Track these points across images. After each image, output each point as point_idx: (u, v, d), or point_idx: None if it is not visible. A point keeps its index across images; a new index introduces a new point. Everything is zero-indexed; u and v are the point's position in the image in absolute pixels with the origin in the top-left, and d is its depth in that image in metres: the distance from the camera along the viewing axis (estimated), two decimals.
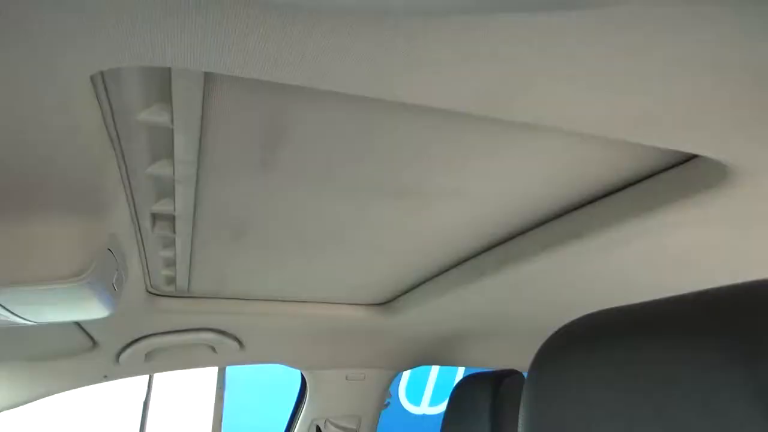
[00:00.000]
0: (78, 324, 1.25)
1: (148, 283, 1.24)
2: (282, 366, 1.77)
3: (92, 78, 0.47)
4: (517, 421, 0.67)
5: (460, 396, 1.58)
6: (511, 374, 1.47)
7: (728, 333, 0.42)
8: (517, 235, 1.01)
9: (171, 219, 0.89)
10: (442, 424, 1.60)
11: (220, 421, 3.53)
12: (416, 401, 3.71)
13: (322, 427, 1.81)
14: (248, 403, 3.55)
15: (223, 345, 1.56)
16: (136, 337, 1.43)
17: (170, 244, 0.99)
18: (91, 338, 1.35)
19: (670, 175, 0.72)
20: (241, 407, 3.53)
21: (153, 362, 1.54)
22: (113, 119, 0.58)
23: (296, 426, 1.85)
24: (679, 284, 0.98)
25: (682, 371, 0.43)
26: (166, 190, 0.79)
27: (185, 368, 1.66)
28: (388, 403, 1.91)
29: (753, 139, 0.55)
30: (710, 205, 0.68)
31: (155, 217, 0.88)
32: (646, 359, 0.48)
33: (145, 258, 1.06)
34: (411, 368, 1.90)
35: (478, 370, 1.73)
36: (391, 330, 1.64)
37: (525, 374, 1.49)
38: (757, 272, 0.93)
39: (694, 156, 0.68)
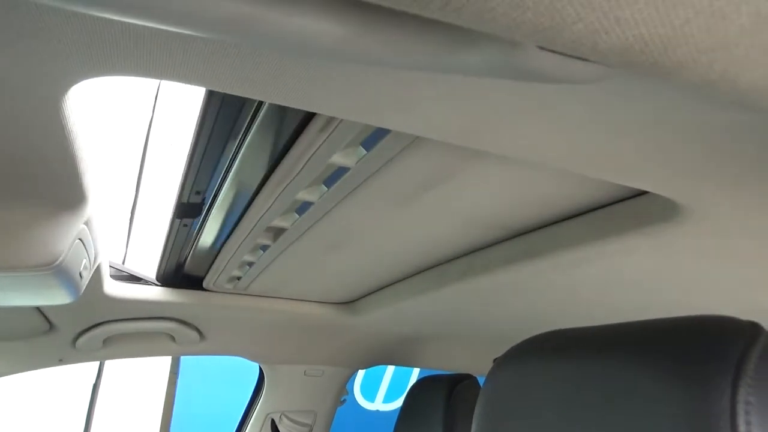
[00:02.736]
0: (36, 306, 1.23)
1: (111, 270, 1.23)
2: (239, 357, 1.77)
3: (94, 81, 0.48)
4: (470, 423, 0.70)
5: (415, 397, 1.62)
6: (466, 378, 1.52)
7: (671, 363, 0.46)
8: (480, 249, 1.05)
9: None
10: (396, 423, 1.63)
11: (171, 407, 3.48)
12: (371, 397, 3.74)
13: (277, 421, 1.82)
14: (201, 391, 3.51)
15: (183, 335, 1.55)
16: (96, 322, 1.41)
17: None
18: (49, 321, 1.32)
19: (626, 206, 0.76)
20: (193, 395, 3.50)
21: (110, 348, 1.52)
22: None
23: (251, 418, 1.85)
24: (630, 309, 1.04)
25: (630, 395, 0.48)
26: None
27: (143, 356, 1.64)
28: (345, 399, 1.94)
29: (700, 182, 0.59)
30: (662, 237, 0.73)
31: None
32: (597, 381, 0.52)
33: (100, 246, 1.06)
34: (369, 367, 1.93)
35: (434, 372, 1.78)
36: (353, 329, 1.66)
37: (479, 379, 1.54)
38: (704, 304, 0.99)
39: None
